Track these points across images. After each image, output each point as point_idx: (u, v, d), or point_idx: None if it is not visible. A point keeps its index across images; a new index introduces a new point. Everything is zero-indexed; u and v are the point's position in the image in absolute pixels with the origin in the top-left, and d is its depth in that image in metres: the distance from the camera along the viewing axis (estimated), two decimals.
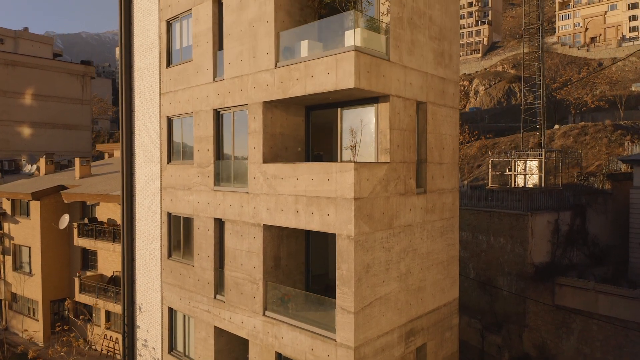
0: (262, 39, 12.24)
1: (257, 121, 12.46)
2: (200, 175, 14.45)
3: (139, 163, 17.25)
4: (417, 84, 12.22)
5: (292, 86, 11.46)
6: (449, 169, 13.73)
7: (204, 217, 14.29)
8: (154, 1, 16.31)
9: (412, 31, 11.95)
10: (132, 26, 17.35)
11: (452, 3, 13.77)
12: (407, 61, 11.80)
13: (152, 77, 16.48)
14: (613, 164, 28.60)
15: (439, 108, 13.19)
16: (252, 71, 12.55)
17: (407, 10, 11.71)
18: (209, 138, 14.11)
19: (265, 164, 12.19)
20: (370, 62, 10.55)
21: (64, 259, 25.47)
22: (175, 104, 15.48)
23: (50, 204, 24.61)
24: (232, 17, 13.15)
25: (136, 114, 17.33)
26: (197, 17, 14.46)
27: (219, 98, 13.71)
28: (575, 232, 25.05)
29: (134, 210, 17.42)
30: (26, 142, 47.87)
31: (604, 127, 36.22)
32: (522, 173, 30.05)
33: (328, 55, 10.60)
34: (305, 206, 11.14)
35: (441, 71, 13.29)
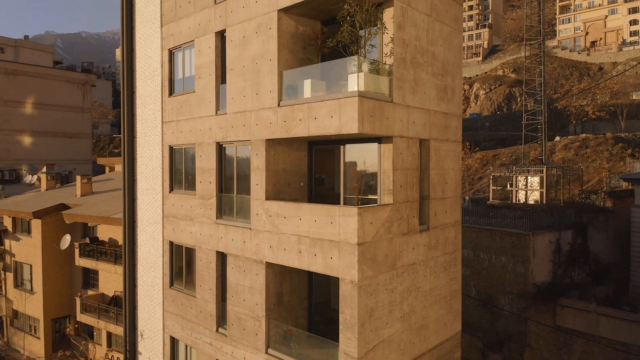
0: (265, 77, 12.23)
1: (260, 158, 12.45)
2: (202, 207, 14.44)
3: (140, 190, 17.24)
4: (420, 121, 12.22)
5: (295, 126, 11.45)
6: (451, 203, 13.72)
7: (206, 249, 14.28)
8: (156, 29, 16.30)
9: (415, 70, 11.94)
10: (134, 52, 17.35)
11: (455, 37, 13.77)
12: (410, 100, 11.79)
13: (155, 104, 16.47)
14: (614, 180, 28.59)
15: (441, 143, 13.18)
16: (255, 108, 12.55)
17: (410, 49, 11.70)
18: (211, 171, 14.10)
19: (268, 202, 12.18)
20: (374, 106, 10.55)
21: (65, 277, 25.47)
22: (178, 133, 15.47)
23: (51, 222, 24.60)
24: (234, 52, 13.14)
25: (138, 140, 17.31)
26: (199, 49, 14.46)
27: (221, 132, 13.70)
28: (577, 251, 25.06)
29: (135, 237, 17.40)
30: (27, 151, 47.85)
31: (605, 140, 36.21)
32: (524, 189, 30.07)
33: (331, 99, 10.59)
34: (308, 247, 11.13)
35: (444, 106, 13.28)
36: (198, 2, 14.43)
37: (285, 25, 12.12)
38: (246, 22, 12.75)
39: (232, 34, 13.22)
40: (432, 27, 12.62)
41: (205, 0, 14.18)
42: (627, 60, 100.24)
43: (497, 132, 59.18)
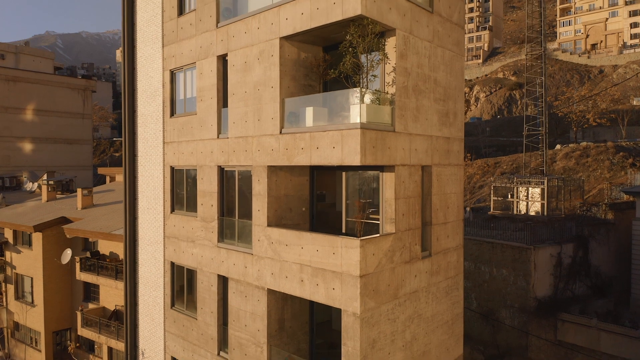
0: (267, 103, 12.22)
1: (262, 184, 12.44)
2: (204, 230, 14.43)
3: (142, 209, 17.23)
4: (422, 148, 12.21)
5: (297, 154, 11.44)
6: (453, 227, 13.71)
7: (208, 272, 14.27)
8: (157, 49, 16.30)
9: (417, 97, 11.93)
10: (136, 71, 17.34)
11: (457, 61, 13.76)
12: (412, 128, 11.78)
13: (156, 124, 16.47)
14: (615, 192, 28.59)
15: (443, 168, 13.17)
16: (256, 133, 12.54)
17: (412, 77, 11.69)
18: (213, 194, 14.10)
19: (270, 228, 12.17)
20: (376, 137, 10.54)
21: (66, 290, 25.47)
22: (179, 154, 15.46)
23: (52, 235, 24.60)
24: (236, 77, 13.13)
25: (139, 159, 17.31)
26: (201, 72, 14.45)
27: (223, 155, 13.69)
28: (578, 264, 25.05)
29: (136, 255, 17.40)
30: (27, 157, 47.86)
31: (605, 149, 36.19)
32: (525, 200, 30.06)
33: (334, 130, 10.57)
34: (310, 276, 11.12)
35: (446, 131, 13.28)
36: (200, 25, 14.42)
37: (287, 52, 12.11)
38: (248, 48, 12.74)
39: (234, 58, 13.21)
40: (434, 53, 12.61)
41: (206, 24, 14.17)
42: (628, 63, 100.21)
43: (498, 137, 59.16)
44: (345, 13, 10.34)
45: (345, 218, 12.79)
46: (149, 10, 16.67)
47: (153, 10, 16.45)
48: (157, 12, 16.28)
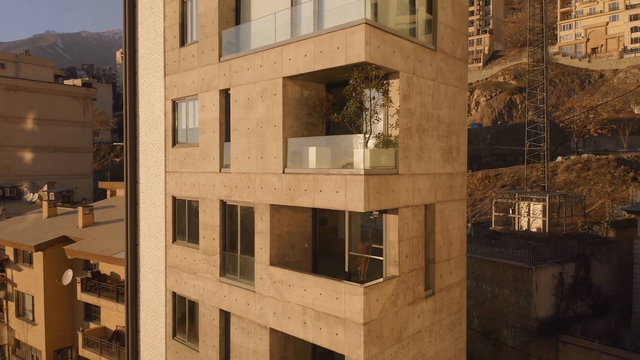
0: (270, 142, 12.18)
1: (264, 222, 12.40)
2: (206, 263, 14.39)
3: (143, 236, 17.19)
4: (425, 187, 12.17)
5: (300, 195, 11.40)
6: (456, 262, 13.67)
7: (210, 305, 14.23)
8: (159, 77, 16.25)
9: (421, 137, 11.89)
10: (137, 97, 17.29)
11: (460, 96, 13.72)
12: (415, 168, 11.74)
13: (158, 153, 16.42)
14: (617, 209, 28.57)
15: (446, 205, 13.13)
16: (259, 171, 12.49)
17: (416, 117, 11.65)
18: (214, 227, 14.05)
19: (272, 267, 12.13)
20: (380, 182, 10.50)
21: (67, 308, 25.44)
22: (181, 185, 15.42)
23: (53, 254, 24.56)
24: (239, 112, 13.08)
25: (141, 186, 17.26)
26: (203, 104, 14.40)
27: (225, 190, 13.65)
28: (579, 284, 25.04)
29: (138, 283, 17.36)
30: (28, 167, 47.81)
31: (607, 162, 36.15)
32: (526, 216, 30.02)
33: (337, 174, 10.53)
34: (313, 320, 11.08)
35: (449, 167, 13.24)
36: (202, 58, 14.38)
37: (290, 91, 12.07)
38: (250, 85, 12.70)
39: (237, 94, 13.16)
40: (438, 91, 12.57)
41: (209, 56, 14.12)
42: (629, 67, 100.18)
43: (499, 145, 59.11)
44: (349, 59, 10.30)
45: (348, 251, 12.73)
46: (150, 38, 16.62)
47: (155, 39, 16.40)
48: (159, 40, 16.23)
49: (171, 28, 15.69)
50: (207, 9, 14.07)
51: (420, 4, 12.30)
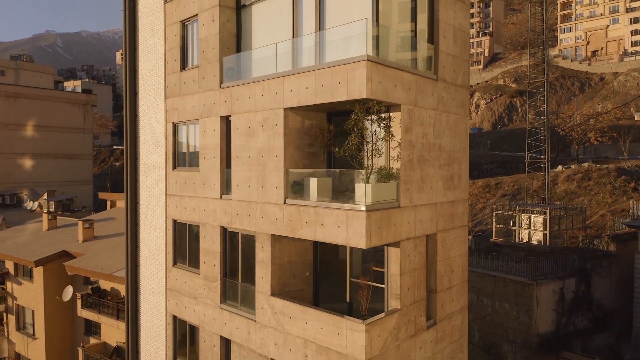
0: (271, 172, 12.15)
1: (265, 252, 12.37)
2: (206, 288, 14.35)
3: (144, 258, 17.15)
4: (426, 217, 12.13)
5: (301, 228, 11.37)
6: (458, 289, 13.64)
7: (210, 331, 14.20)
8: (160, 100, 16.21)
9: (422, 168, 11.86)
10: (138, 118, 17.26)
11: (461, 123, 13.69)
12: (417, 199, 11.70)
13: (158, 175, 16.39)
14: (617, 223, 28.54)
15: (448, 233, 13.10)
16: (260, 200, 12.46)
17: (417, 149, 11.61)
18: (215, 254, 14.02)
19: (273, 298, 12.10)
20: (382, 217, 10.46)
21: (67, 322, 25.41)
22: (182, 209, 15.38)
23: (53, 269, 24.53)
24: (240, 140, 13.05)
25: (142, 207, 17.23)
26: (204, 129, 14.37)
27: (226, 217, 13.61)
28: (580, 298, 25.01)
29: (138, 304, 17.33)
30: (28, 173, 47.78)
31: (607, 172, 36.13)
32: (527, 228, 29.99)
33: (338, 209, 10.50)
34: (314, 354, 11.05)
35: (450, 195, 13.20)
36: (203, 83, 14.34)
37: (292, 121, 12.04)
38: (252, 113, 12.67)
39: (238, 121, 13.13)
40: (439, 120, 12.54)
41: (210, 82, 14.08)
42: (629, 70, 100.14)
43: (499, 150, 59.07)
44: (350, 94, 10.26)
45: (350, 277, 12.70)
46: (151, 59, 16.59)
47: (155, 61, 16.37)
48: (160, 63, 16.20)
49: (172, 51, 15.66)
50: (208, 34, 14.04)
51: (421, 34, 12.26)
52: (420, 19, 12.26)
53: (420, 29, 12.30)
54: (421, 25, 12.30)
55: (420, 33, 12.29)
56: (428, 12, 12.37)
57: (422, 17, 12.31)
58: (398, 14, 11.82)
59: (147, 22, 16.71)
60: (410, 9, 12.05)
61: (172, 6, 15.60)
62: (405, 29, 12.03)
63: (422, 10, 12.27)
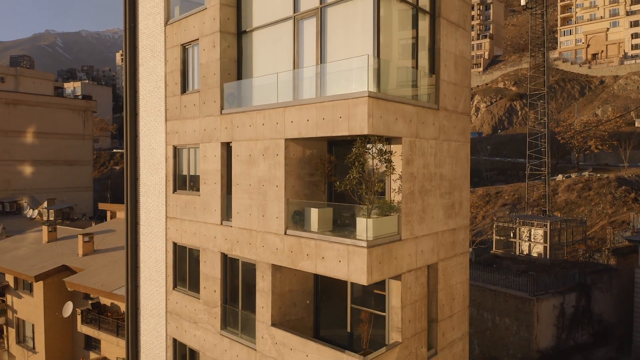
0: (272, 201, 12.12)
1: (266, 281, 12.34)
2: (206, 313, 14.33)
3: (143, 279, 17.13)
4: (428, 248, 12.10)
5: (301, 260, 11.34)
6: (459, 316, 13.61)
7: (210, 357, 14.17)
8: (160, 122, 16.18)
9: (423, 198, 11.83)
10: (138, 139, 17.23)
11: (463, 149, 13.66)
12: (418, 231, 11.67)
13: (159, 197, 16.36)
14: (618, 236, 28.53)
15: (449, 261, 13.07)
16: (260, 229, 12.43)
17: (419, 180, 11.58)
18: (215, 279, 14.00)
19: (274, 328, 12.07)
20: (383, 252, 10.43)
21: (67, 337, 25.39)
22: (182, 232, 15.35)
23: (53, 283, 24.51)
24: (241, 167, 13.02)
25: (142, 228, 17.20)
26: (204, 154, 14.34)
27: (226, 243, 13.58)
28: (580, 313, 25.00)
29: (138, 325, 17.30)
30: (27, 180, 47.74)
31: (608, 182, 36.11)
32: (527, 240, 29.97)
33: (339, 243, 10.47)
34: None
35: (451, 223, 13.17)
36: (203, 108, 14.31)
37: (292, 151, 12.01)
38: (252, 142, 12.64)
39: (238, 149, 13.10)
40: (440, 149, 12.51)
41: (210, 108, 14.05)
42: (629, 74, 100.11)
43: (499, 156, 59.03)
44: (351, 130, 10.23)
45: (350, 303, 12.67)
46: (151, 81, 16.56)
47: (156, 82, 16.34)
48: (160, 84, 16.17)
49: (172, 74, 15.63)
50: (209, 60, 14.01)
51: (422, 64, 12.23)
52: (421, 48, 12.23)
53: (421, 58, 12.26)
54: (422, 55, 12.27)
55: (421, 63, 12.26)
56: (429, 42, 12.35)
57: (423, 47, 12.29)
58: (399, 45, 11.79)
59: (147, 44, 16.68)
60: (411, 38, 12.02)
61: (172, 29, 15.57)
62: (406, 60, 12.00)
63: (423, 41, 12.25)
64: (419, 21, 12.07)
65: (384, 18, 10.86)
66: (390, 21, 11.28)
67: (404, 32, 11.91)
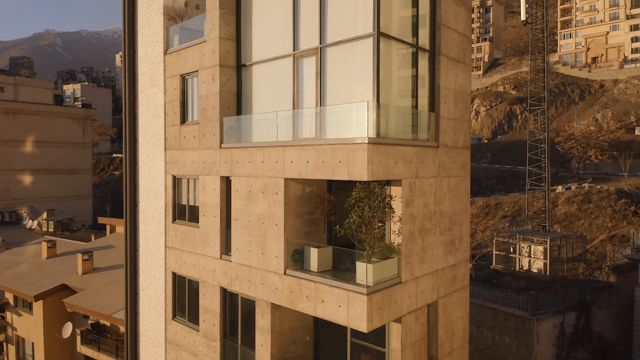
0: (271, 240, 12.08)
1: (265, 319, 12.31)
2: (206, 347, 14.29)
3: (143, 307, 17.09)
4: (428, 287, 12.07)
5: (301, 301, 11.31)
6: (459, 352, 13.58)
7: None
8: (160, 150, 16.14)
9: (423, 238, 11.80)
10: (138, 166, 17.19)
11: (462, 183, 13.63)
12: (418, 271, 11.64)
13: (158, 226, 16.32)
14: (618, 253, 28.50)
15: (449, 297, 13.04)
16: (260, 267, 12.40)
17: (418, 220, 11.55)
18: (215, 313, 13.96)
19: None
20: (383, 297, 10.40)
21: (67, 355, 25.35)
22: (181, 263, 15.32)
23: (52, 302, 24.48)
24: (240, 203, 12.98)
25: (141, 255, 17.17)
26: (204, 187, 14.30)
27: (226, 278, 13.55)
28: (580, 332, 24.98)
29: (138, 353, 17.27)
30: (27, 189, 47.70)
31: (607, 195, 36.08)
32: (527, 256, 29.94)
33: (339, 288, 10.44)
34: None
35: (452, 258, 13.14)
36: (203, 140, 14.27)
37: (292, 190, 11.98)
38: (252, 178, 12.60)
39: (238, 184, 13.06)
40: (440, 186, 12.47)
41: (210, 141, 14.02)
42: (629, 78, 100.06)
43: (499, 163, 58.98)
44: (351, 175, 10.19)
45: (350, 337, 12.65)
46: (151, 109, 16.52)
47: (155, 111, 16.30)
48: (160, 113, 16.13)
49: (172, 103, 15.59)
50: (209, 92, 13.97)
51: (422, 102, 12.20)
52: (421, 86, 12.20)
53: (421, 96, 12.23)
54: (422, 93, 12.24)
55: (421, 101, 12.23)
56: (429, 80, 12.33)
57: (423, 85, 12.26)
58: (399, 84, 11.75)
59: (146, 71, 16.64)
60: (411, 77, 11.99)
61: (172, 58, 15.53)
62: (406, 98, 11.96)
63: (423, 79, 12.23)
64: (419, 60, 12.05)
65: (384, 58, 10.82)
66: (390, 61, 11.25)
67: (403, 70, 11.88)
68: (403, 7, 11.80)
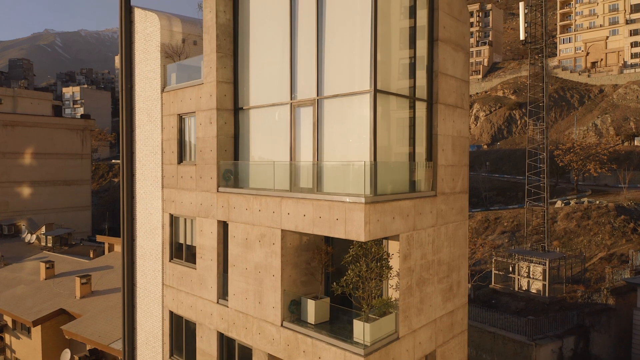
0: (268, 290, 12.04)
1: None
2: None
3: (140, 342, 17.04)
4: (426, 337, 12.03)
5: (298, 355, 11.26)
6: None
7: None
8: (157, 187, 16.09)
9: (421, 289, 11.75)
10: (135, 201, 17.13)
11: (460, 228, 13.57)
12: (415, 323, 11.60)
13: (155, 263, 16.27)
14: (617, 275, 28.48)
15: (448, 344, 12.99)
16: (257, 316, 12.35)
17: (416, 272, 11.51)
18: (212, 357, 13.90)
19: None
20: (380, 357, 10.35)
21: None
22: (179, 302, 15.27)
23: (51, 326, 24.42)
24: (237, 249, 12.93)
25: (138, 290, 17.11)
26: (201, 229, 14.25)
27: (223, 323, 13.50)
28: (579, 356, 24.94)
29: None
30: (26, 202, 47.63)
31: (607, 211, 36.05)
32: (526, 276, 29.90)
33: (337, 347, 10.40)
34: None
35: (450, 305, 13.09)
36: (200, 183, 14.22)
37: (289, 240, 11.93)
38: (249, 226, 12.55)
39: (235, 230, 13.01)
40: (438, 235, 12.42)
41: (207, 183, 13.96)
42: (628, 83, 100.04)
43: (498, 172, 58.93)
44: (348, 234, 10.15)
45: None
46: (148, 145, 16.46)
47: (152, 148, 16.25)
48: (157, 150, 16.08)
49: (169, 142, 15.53)
50: (206, 135, 13.92)
51: (419, 151, 12.14)
52: (419, 136, 12.15)
53: (418, 145, 12.17)
54: (419, 141, 12.19)
55: (419, 149, 12.17)
56: (426, 128, 12.28)
57: (421, 134, 12.21)
58: (396, 134, 11.69)
59: (144, 107, 16.58)
60: (408, 127, 11.93)
61: (169, 97, 15.47)
62: (404, 148, 11.90)
63: (421, 128, 12.17)
64: (416, 110, 12.00)
65: (381, 114, 10.78)
66: (387, 115, 11.21)
67: (401, 120, 11.83)
68: (400, 58, 11.75)
